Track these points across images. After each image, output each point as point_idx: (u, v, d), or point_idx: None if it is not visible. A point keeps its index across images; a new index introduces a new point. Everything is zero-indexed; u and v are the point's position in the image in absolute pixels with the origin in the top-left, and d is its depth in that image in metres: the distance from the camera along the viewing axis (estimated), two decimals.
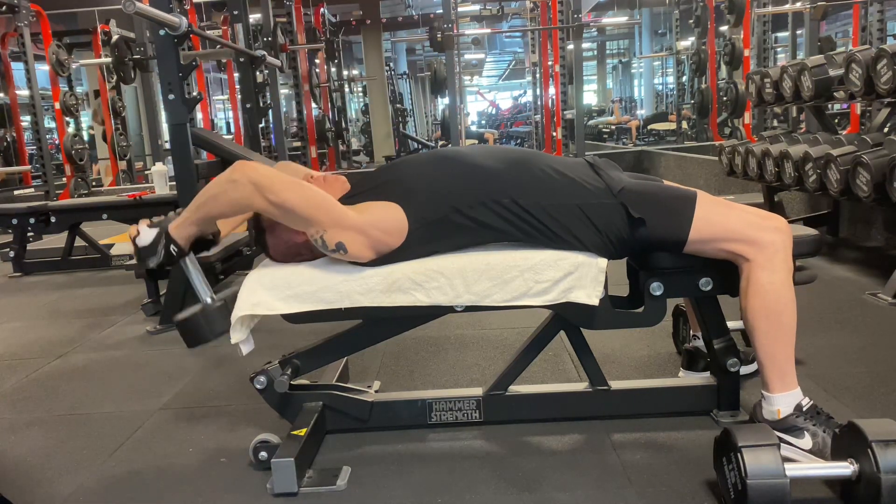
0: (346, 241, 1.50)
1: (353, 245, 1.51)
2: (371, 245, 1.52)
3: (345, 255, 1.53)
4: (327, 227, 1.49)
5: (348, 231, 1.50)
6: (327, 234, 1.49)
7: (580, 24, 6.82)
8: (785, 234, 1.51)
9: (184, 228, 1.53)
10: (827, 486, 1.38)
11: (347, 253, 1.51)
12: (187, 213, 1.53)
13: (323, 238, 1.50)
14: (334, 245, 1.50)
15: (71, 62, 7.32)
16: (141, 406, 2.09)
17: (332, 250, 1.52)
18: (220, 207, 1.51)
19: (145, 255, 1.54)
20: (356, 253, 1.52)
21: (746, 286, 1.51)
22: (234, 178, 1.47)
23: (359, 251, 1.52)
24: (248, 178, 1.46)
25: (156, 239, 1.53)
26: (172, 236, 1.52)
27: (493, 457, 1.62)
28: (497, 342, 2.45)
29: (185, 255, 1.56)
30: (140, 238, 1.54)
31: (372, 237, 1.51)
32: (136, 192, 4.14)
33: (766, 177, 3.64)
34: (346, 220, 1.50)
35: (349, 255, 1.52)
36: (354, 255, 1.53)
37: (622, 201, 1.55)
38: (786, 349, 1.51)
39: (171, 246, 1.52)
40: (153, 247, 1.53)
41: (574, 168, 1.62)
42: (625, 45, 22.86)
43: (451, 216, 1.55)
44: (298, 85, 7.90)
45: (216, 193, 1.49)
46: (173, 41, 2.72)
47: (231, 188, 1.47)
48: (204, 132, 4.41)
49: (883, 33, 6.04)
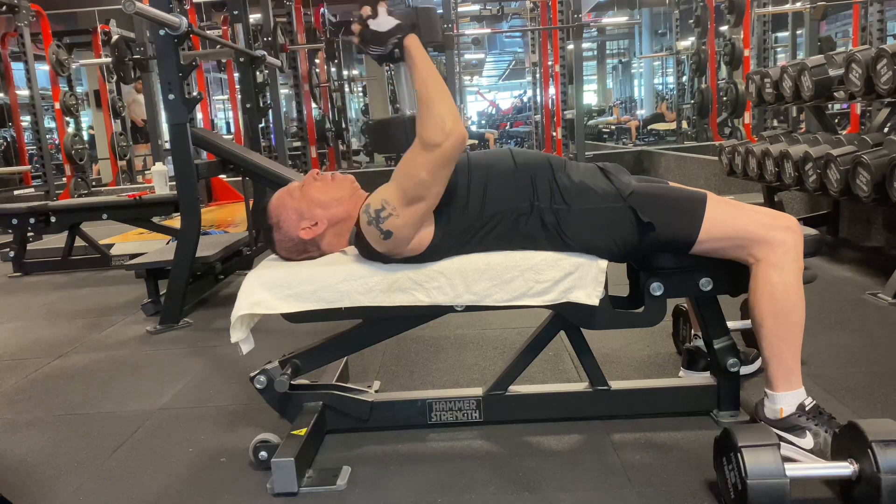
0: (395, 230, 1.48)
1: (400, 233, 1.48)
2: (412, 247, 1.52)
3: (385, 243, 1.50)
4: (401, 209, 1.46)
5: (412, 227, 1.48)
6: (397, 214, 1.45)
7: (580, 24, 6.82)
8: (796, 233, 1.51)
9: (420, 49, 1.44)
10: (827, 486, 1.38)
11: (391, 239, 1.49)
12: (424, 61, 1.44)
13: (388, 215, 1.46)
14: (386, 229, 1.48)
15: (71, 62, 7.32)
16: (141, 406, 2.09)
17: (382, 236, 1.48)
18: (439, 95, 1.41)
19: (374, 40, 1.44)
20: (392, 249, 1.51)
21: (756, 285, 1.51)
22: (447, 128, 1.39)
23: (400, 248, 1.51)
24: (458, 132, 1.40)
25: (393, 29, 1.43)
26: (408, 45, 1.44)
27: (493, 457, 1.62)
28: (497, 342, 2.45)
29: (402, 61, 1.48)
30: (377, 21, 1.44)
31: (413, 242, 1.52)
32: (135, 192, 4.14)
33: (766, 177, 3.64)
34: (418, 213, 1.47)
35: (388, 244, 1.50)
36: (390, 247, 1.51)
37: (631, 205, 1.55)
38: (793, 348, 1.50)
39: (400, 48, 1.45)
40: (386, 36, 1.44)
41: (585, 173, 1.62)
42: (625, 45, 22.85)
43: (473, 228, 1.56)
44: (298, 85, 7.90)
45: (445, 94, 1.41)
46: (173, 41, 2.72)
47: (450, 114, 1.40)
48: (204, 132, 4.40)
49: (883, 33, 6.04)
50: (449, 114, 1.40)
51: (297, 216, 1.63)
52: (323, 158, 9.20)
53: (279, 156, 6.24)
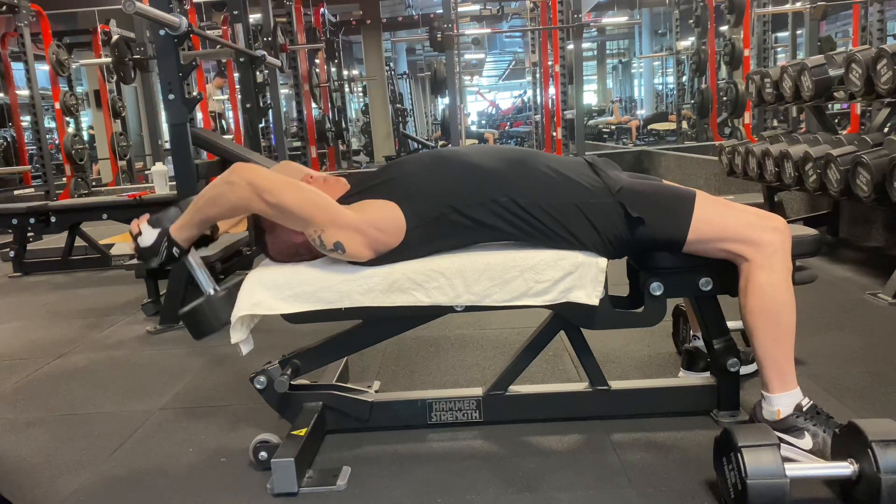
0: (343, 241, 1.50)
1: (350, 244, 1.51)
2: (369, 244, 1.52)
3: (343, 255, 1.52)
4: (325, 226, 1.49)
5: (346, 230, 1.50)
6: (325, 234, 1.49)
7: (580, 24, 6.83)
8: (783, 233, 1.51)
9: (185, 231, 1.55)
10: (827, 486, 1.38)
11: (346, 252, 1.51)
12: (187, 216, 1.55)
13: (321, 238, 1.50)
14: (332, 245, 1.50)
15: (71, 62, 7.32)
16: (141, 406, 2.09)
17: (330, 250, 1.52)
18: (220, 210, 1.53)
19: (147, 256, 1.57)
20: (354, 252, 1.52)
21: (745, 286, 1.51)
22: (231, 179, 1.48)
23: (357, 250, 1.52)
24: (246, 179, 1.46)
25: (157, 240, 1.55)
26: (174, 238, 1.55)
27: (493, 457, 1.62)
28: (497, 342, 2.45)
29: (186, 255, 1.59)
30: (142, 238, 1.56)
31: (369, 236, 1.51)
32: (135, 192, 4.14)
33: (766, 177, 3.64)
34: (343, 219, 1.50)
35: (347, 255, 1.52)
36: (353, 255, 1.53)
37: (620, 201, 1.55)
38: (785, 349, 1.50)
39: (172, 248, 1.55)
40: (155, 248, 1.55)
41: (573, 167, 1.62)
42: (625, 45, 22.86)
43: (450, 216, 1.55)
44: (298, 85, 7.90)
45: (214, 196, 1.51)
46: (173, 41, 2.72)
47: (229, 190, 1.48)
48: (204, 132, 4.41)
49: (883, 33, 6.05)
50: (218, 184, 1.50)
51: None
52: (323, 158, 9.20)
53: (279, 156, 6.24)
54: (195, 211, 1.54)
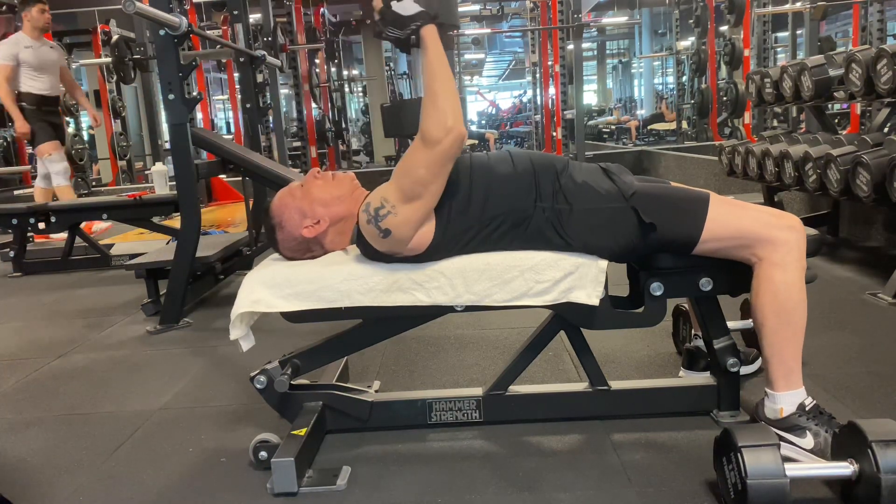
0: (394, 229, 1.48)
1: (397, 235, 1.48)
2: (410, 247, 1.52)
3: (383, 241, 1.50)
4: (399, 206, 1.46)
5: (409, 226, 1.48)
6: (395, 212, 1.45)
7: (580, 24, 6.83)
8: (799, 232, 1.51)
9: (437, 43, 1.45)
10: (827, 486, 1.38)
11: (390, 237, 1.49)
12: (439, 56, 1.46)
13: (387, 213, 1.46)
14: (384, 229, 1.48)
15: (71, 62, 7.32)
16: (141, 406, 2.09)
17: (380, 234, 1.48)
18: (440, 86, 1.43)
19: (392, 22, 1.42)
20: (391, 248, 1.51)
21: (759, 284, 1.51)
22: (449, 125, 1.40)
23: (395, 247, 1.51)
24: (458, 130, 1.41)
25: (414, 16, 1.42)
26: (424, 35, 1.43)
27: (493, 457, 1.62)
28: (497, 342, 2.45)
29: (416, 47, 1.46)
30: (400, 4, 1.42)
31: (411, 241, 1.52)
32: (135, 192, 4.14)
33: (766, 177, 3.64)
34: (415, 212, 1.47)
35: (387, 242, 1.50)
36: (389, 245, 1.51)
37: (633, 205, 1.54)
38: (794, 348, 1.50)
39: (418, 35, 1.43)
40: (407, 21, 1.42)
41: (588, 174, 1.62)
42: (625, 45, 22.85)
43: (474, 229, 1.56)
44: (298, 85, 7.91)
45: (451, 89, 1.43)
46: (173, 41, 2.72)
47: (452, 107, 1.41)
48: (204, 132, 4.40)
49: (883, 33, 6.05)
50: (452, 111, 1.41)
51: (299, 215, 1.64)
52: (323, 158, 9.20)
53: (279, 156, 6.25)
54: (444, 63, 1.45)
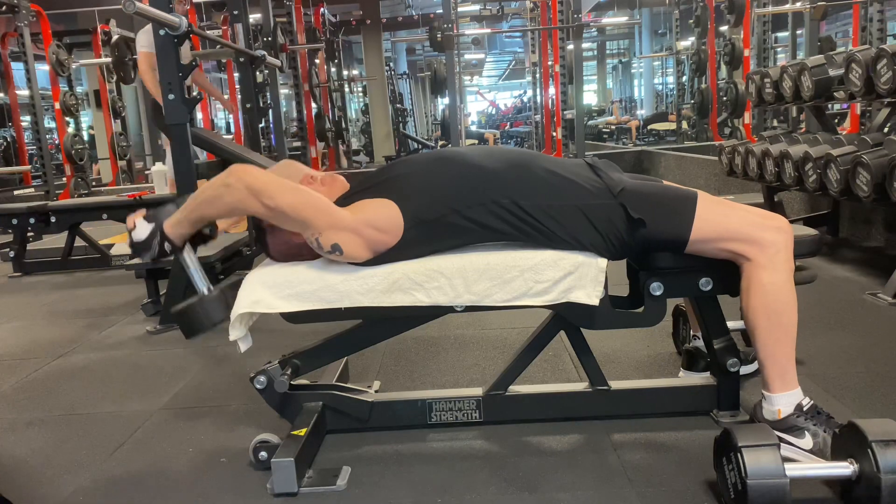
0: (341, 243, 1.50)
1: (348, 246, 1.51)
2: (366, 244, 1.52)
3: (341, 257, 1.53)
4: (322, 229, 1.49)
5: (343, 232, 1.50)
6: (322, 237, 1.49)
7: (580, 24, 6.82)
8: (786, 233, 1.52)
9: (179, 227, 1.54)
10: (827, 486, 1.38)
11: (344, 254, 1.52)
12: (182, 213, 1.54)
13: (318, 240, 1.50)
14: (330, 247, 1.50)
15: (71, 62, 7.32)
16: (141, 406, 2.09)
17: (328, 252, 1.52)
18: (216, 210, 1.52)
19: (139, 250, 1.56)
20: (352, 253, 1.52)
21: (747, 286, 1.51)
22: (228, 181, 1.47)
23: (355, 251, 1.52)
24: (244, 182, 1.46)
25: (150, 235, 1.54)
26: (167, 234, 1.53)
27: (493, 457, 1.62)
28: (497, 342, 2.45)
29: (180, 252, 1.57)
30: (136, 232, 1.55)
31: (366, 236, 1.51)
32: (135, 192, 4.14)
33: (766, 177, 3.64)
34: (340, 221, 1.50)
35: (345, 256, 1.53)
36: (350, 256, 1.53)
37: (622, 202, 1.55)
38: (786, 349, 1.50)
39: (164, 244, 1.54)
40: (147, 242, 1.54)
41: (573, 169, 1.62)
42: (625, 45, 22.86)
43: (450, 217, 1.55)
44: (298, 85, 7.91)
45: (211, 197, 1.50)
46: (173, 41, 2.72)
47: (226, 192, 1.47)
48: (204, 132, 4.40)
49: (883, 33, 6.05)
50: (215, 185, 1.49)
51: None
52: (323, 158, 9.20)
53: (279, 156, 6.24)
54: (191, 209, 1.53)
